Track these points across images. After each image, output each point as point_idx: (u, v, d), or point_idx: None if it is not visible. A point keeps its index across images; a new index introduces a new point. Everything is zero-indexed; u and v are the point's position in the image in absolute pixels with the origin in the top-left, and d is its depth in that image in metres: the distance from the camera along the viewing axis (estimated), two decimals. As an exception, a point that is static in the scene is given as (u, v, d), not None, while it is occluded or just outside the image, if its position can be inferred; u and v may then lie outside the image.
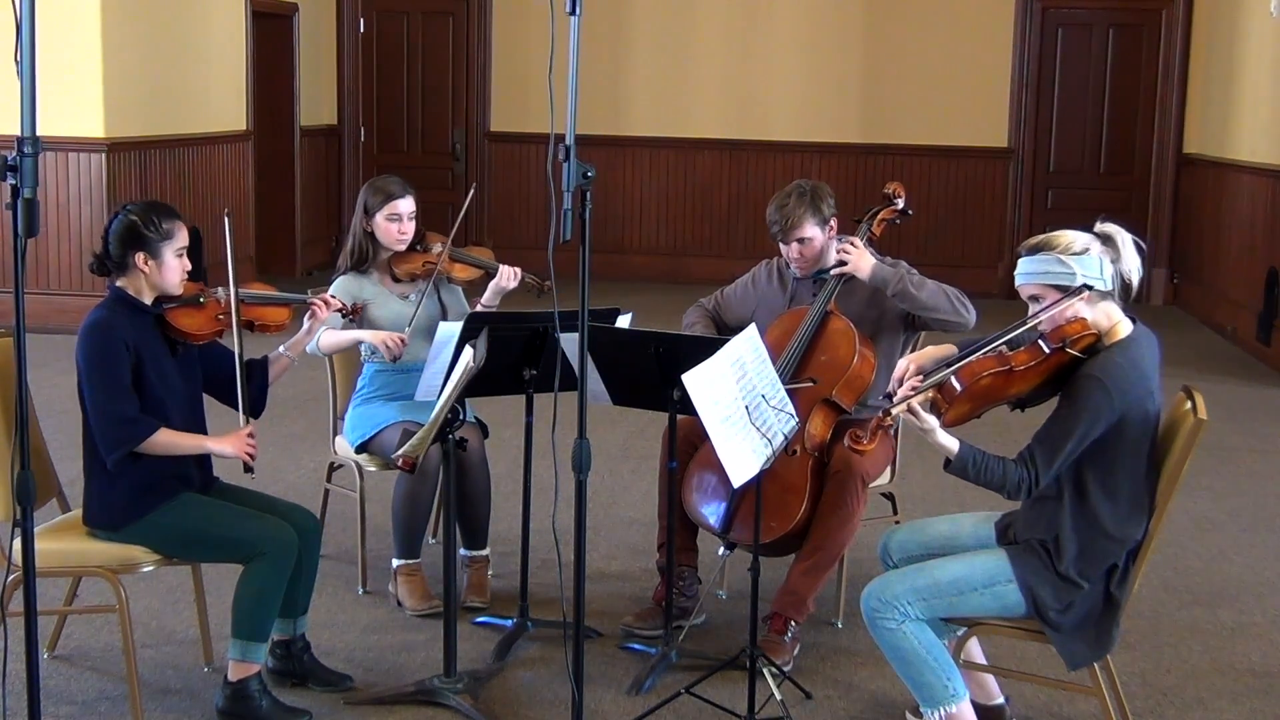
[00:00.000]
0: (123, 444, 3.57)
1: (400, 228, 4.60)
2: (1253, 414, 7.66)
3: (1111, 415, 3.23)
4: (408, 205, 4.61)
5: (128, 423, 3.57)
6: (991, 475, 3.28)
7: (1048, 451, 3.25)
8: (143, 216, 3.66)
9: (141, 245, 3.64)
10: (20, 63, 2.82)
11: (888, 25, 11.51)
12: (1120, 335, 3.33)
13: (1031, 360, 3.28)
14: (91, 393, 3.58)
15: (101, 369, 3.57)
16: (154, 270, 3.66)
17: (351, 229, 4.67)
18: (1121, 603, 3.36)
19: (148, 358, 3.63)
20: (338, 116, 12.23)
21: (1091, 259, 3.31)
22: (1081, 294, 3.28)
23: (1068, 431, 3.23)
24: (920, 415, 3.27)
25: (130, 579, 3.82)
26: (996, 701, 3.71)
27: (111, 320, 3.61)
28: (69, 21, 8.49)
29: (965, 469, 3.30)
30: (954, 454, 3.30)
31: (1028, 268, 3.37)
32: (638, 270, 11.77)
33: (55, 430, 4.39)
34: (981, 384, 3.27)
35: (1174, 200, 11.40)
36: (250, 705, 3.66)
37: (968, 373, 3.28)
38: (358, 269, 4.65)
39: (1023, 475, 3.26)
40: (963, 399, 3.27)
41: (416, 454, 3.71)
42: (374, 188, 4.63)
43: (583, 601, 3.23)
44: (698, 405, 3.41)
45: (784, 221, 4.34)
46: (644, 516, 5.44)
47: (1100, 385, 3.22)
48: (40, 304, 8.59)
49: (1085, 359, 3.29)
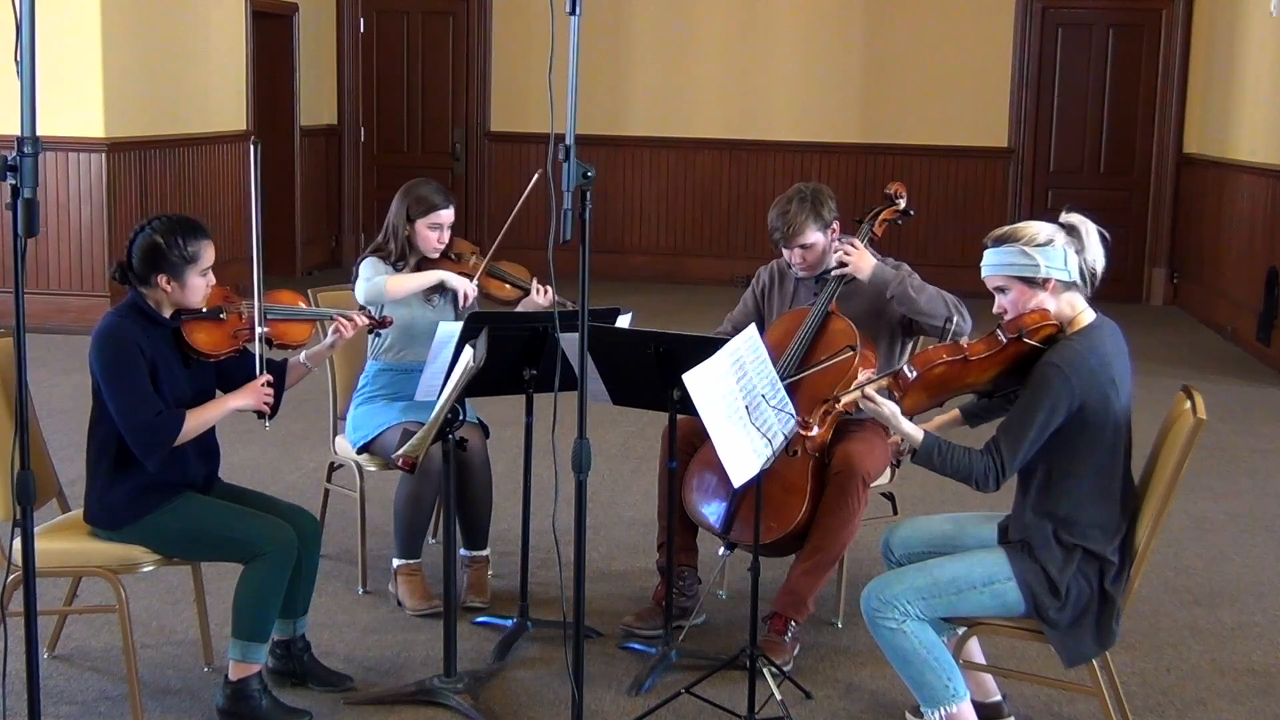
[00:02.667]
0: (157, 447, 3.56)
1: (440, 236, 4.64)
2: (1253, 414, 7.66)
3: (1071, 402, 3.24)
4: (449, 216, 4.66)
5: (157, 428, 3.55)
6: (958, 464, 3.30)
7: (1012, 440, 3.27)
8: (167, 237, 3.60)
9: (164, 268, 3.61)
10: (20, 63, 2.81)
11: (888, 25, 11.51)
12: (1081, 325, 3.35)
13: (987, 350, 3.31)
14: (114, 402, 3.56)
15: (120, 377, 3.55)
16: (176, 290, 3.63)
17: (390, 228, 4.65)
18: (1118, 600, 3.36)
19: (160, 366, 3.62)
20: (338, 116, 12.23)
21: (1055, 250, 3.32)
22: (1047, 285, 3.30)
23: (1030, 419, 3.25)
24: (877, 400, 3.29)
25: (130, 579, 3.82)
26: (994, 699, 3.72)
27: (124, 326, 3.59)
28: (69, 21, 8.50)
29: (930, 458, 3.32)
30: (919, 443, 3.32)
31: (993, 259, 3.39)
32: (638, 270, 11.77)
33: (55, 430, 4.39)
34: (935, 372, 3.29)
35: (1174, 200, 11.40)
36: (250, 705, 3.66)
37: (921, 360, 3.32)
38: (393, 264, 4.65)
39: (989, 464, 3.28)
40: (917, 387, 3.29)
41: (417, 454, 3.71)
42: (418, 196, 4.62)
43: (583, 601, 3.23)
44: (698, 405, 3.41)
45: (786, 229, 4.34)
46: (644, 516, 5.44)
47: (1058, 371, 3.24)
48: (40, 304, 8.59)
49: (1045, 349, 3.30)
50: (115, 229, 8.70)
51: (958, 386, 3.36)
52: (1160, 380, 6.92)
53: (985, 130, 11.51)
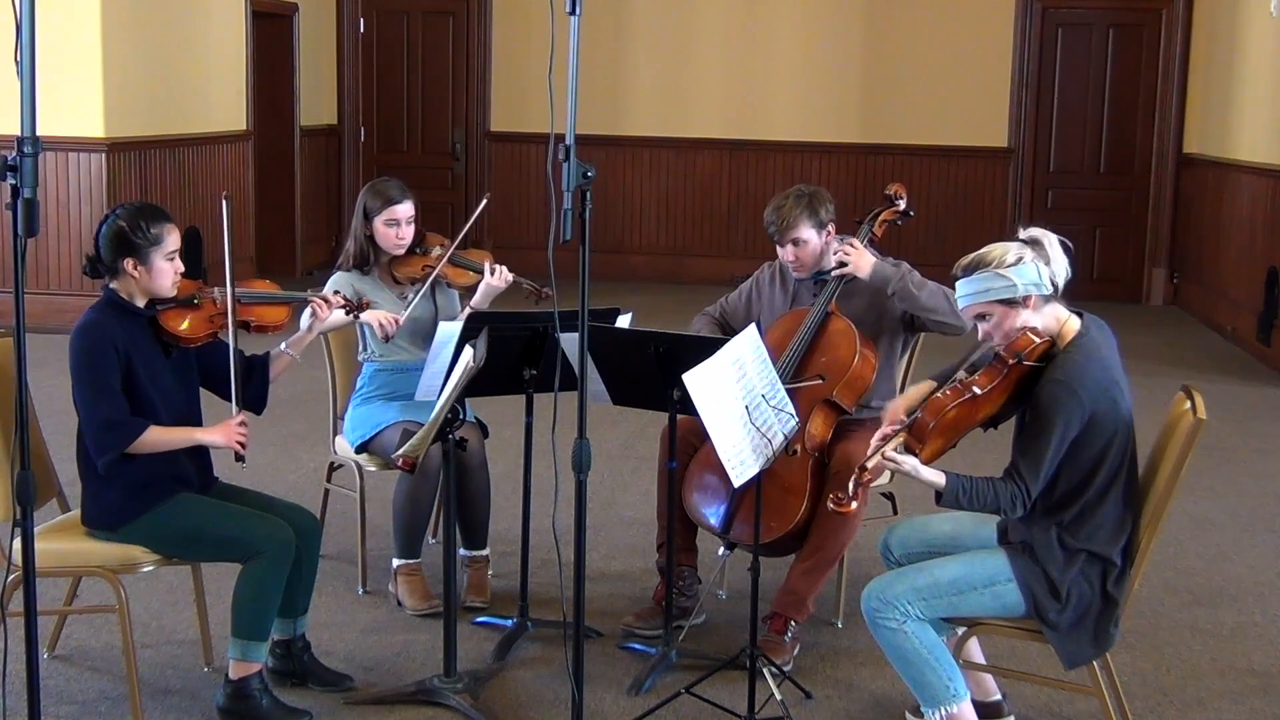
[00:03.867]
0: (110, 448, 3.56)
1: (398, 233, 4.59)
2: (1253, 414, 7.66)
3: (1083, 413, 3.24)
4: (406, 210, 4.59)
5: (114, 426, 3.55)
6: (984, 498, 3.29)
7: (1032, 463, 3.26)
8: (130, 222, 3.62)
9: (130, 251, 3.62)
10: (20, 63, 2.81)
11: (888, 25, 11.50)
12: (1072, 333, 3.34)
13: (992, 381, 3.31)
14: (78, 397, 3.58)
15: (88, 373, 3.56)
16: (144, 275, 3.64)
17: (352, 231, 4.66)
18: (1119, 602, 3.36)
19: (139, 360, 3.62)
20: (338, 116, 12.23)
21: (1027, 267, 3.32)
22: (1026, 303, 3.30)
23: (1046, 440, 3.24)
24: (897, 460, 3.28)
25: (130, 579, 3.82)
26: (994, 698, 3.72)
27: (100, 322, 3.60)
28: (69, 21, 8.49)
29: (957, 498, 3.30)
30: (942, 486, 3.30)
31: (968, 289, 3.38)
32: (638, 270, 11.78)
33: (55, 430, 4.38)
34: (949, 416, 3.29)
35: (1174, 200, 11.40)
36: (251, 704, 3.66)
37: (934, 409, 3.31)
38: (359, 270, 4.64)
39: (1014, 491, 3.27)
40: (935, 434, 3.29)
41: (416, 454, 3.71)
42: (373, 191, 4.62)
43: (583, 601, 3.23)
44: (698, 405, 3.41)
45: (780, 222, 4.34)
46: (644, 516, 5.43)
47: (1065, 387, 3.23)
48: (40, 304, 8.59)
49: (1044, 366, 3.30)
50: (115, 229, 8.69)
51: (972, 423, 3.36)
52: (1160, 380, 6.92)
53: (985, 130, 11.51)
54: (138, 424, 3.58)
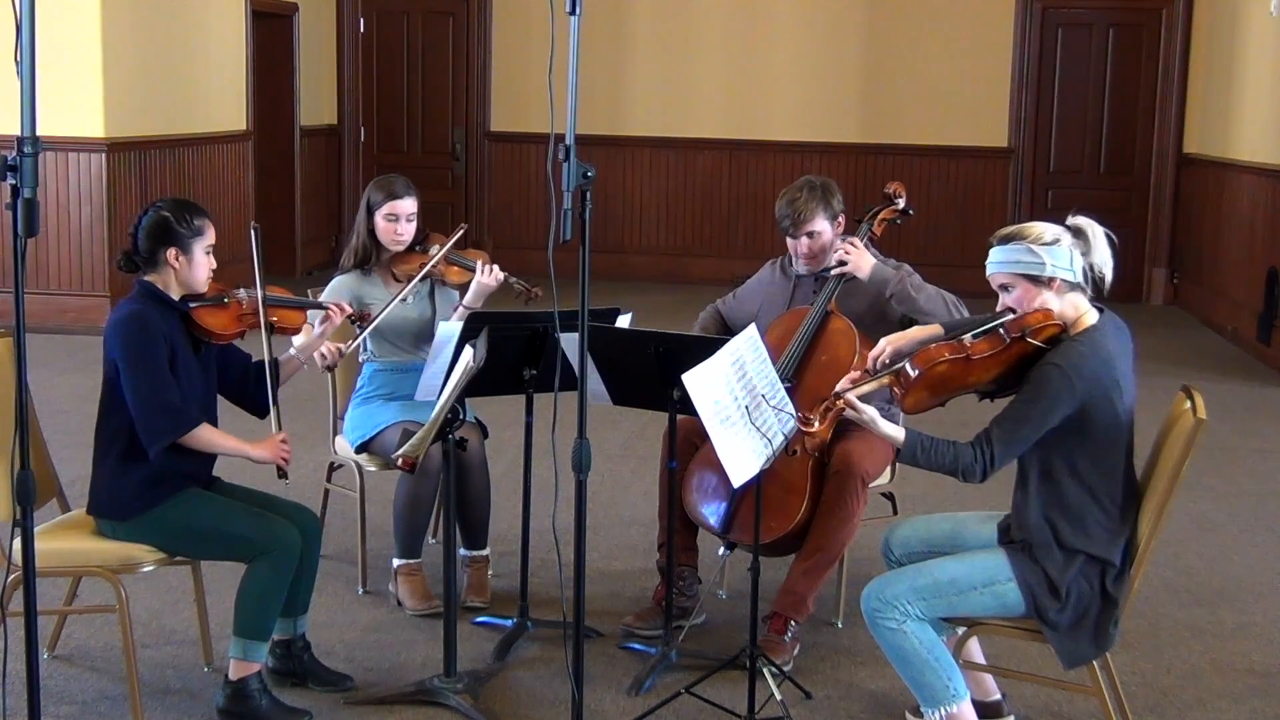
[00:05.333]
0: (168, 433, 3.58)
1: (398, 228, 4.59)
2: (1253, 414, 7.66)
3: (1072, 401, 3.23)
4: (407, 206, 4.59)
5: (174, 411, 3.58)
6: (942, 458, 3.29)
7: (1005, 434, 3.26)
8: (175, 213, 3.70)
9: (173, 240, 3.67)
10: (20, 63, 2.82)
11: (888, 25, 11.51)
12: (1085, 325, 3.34)
13: (990, 349, 3.30)
14: (134, 382, 3.57)
15: (143, 358, 3.57)
16: (184, 266, 3.69)
17: (355, 227, 4.67)
18: (1119, 602, 3.36)
19: (179, 351, 3.66)
20: (338, 116, 12.23)
21: (1062, 250, 3.32)
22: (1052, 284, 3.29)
23: (1025, 416, 3.25)
24: (857, 406, 3.28)
25: (130, 579, 3.82)
26: (994, 698, 3.72)
27: (145, 312, 3.63)
28: (69, 21, 8.50)
29: (915, 455, 3.31)
30: (901, 442, 3.30)
31: (999, 257, 3.38)
32: (638, 270, 11.77)
33: (55, 430, 4.39)
34: (937, 370, 3.28)
35: (1174, 200, 11.40)
36: (250, 704, 3.66)
37: (923, 359, 3.30)
38: (360, 268, 4.64)
39: (977, 455, 3.26)
40: (919, 385, 3.28)
41: (416, 454, 3.71)
42: (377, 185, 4.63)
43: (583, 601, 3.23)
44: (697, 405, 3.41)
45: (794, 215, 4.34)
46: (644, 516, 5.44)
47: (1060, 371, 3.23)
48: (40, 304, 8.57)
49: (1049, 349, 3.30)
50: (115, 229, 8.69)
51: (960, 385, 3.35)
52: (1160, 380, 6.92)
53: (985, 130, 11.51)
54: (194, 418, 3.61)
